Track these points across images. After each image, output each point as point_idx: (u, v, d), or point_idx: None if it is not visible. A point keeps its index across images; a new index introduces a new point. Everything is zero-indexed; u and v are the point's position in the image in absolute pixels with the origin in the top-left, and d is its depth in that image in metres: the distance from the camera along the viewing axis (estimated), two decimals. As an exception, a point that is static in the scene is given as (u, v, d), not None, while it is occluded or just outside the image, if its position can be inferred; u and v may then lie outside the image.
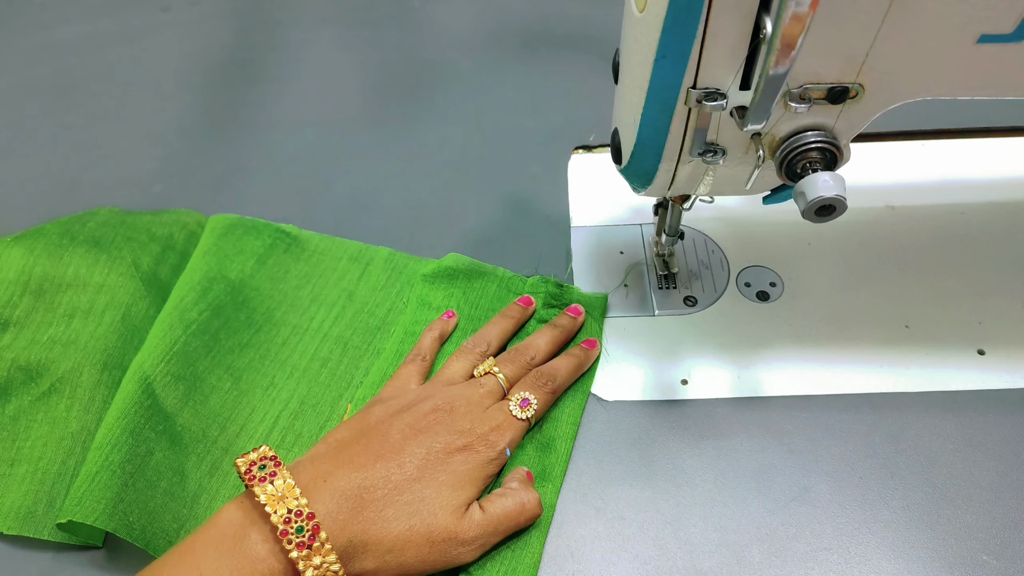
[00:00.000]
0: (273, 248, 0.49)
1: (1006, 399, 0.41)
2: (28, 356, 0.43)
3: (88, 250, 0.47)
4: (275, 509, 0.31)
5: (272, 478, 0.32)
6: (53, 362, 0.43)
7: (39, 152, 0.59)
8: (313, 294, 0.48)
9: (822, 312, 0.45)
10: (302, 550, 0.30)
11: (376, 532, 0.32)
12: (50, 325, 0.45)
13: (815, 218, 0.31)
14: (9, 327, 0.45)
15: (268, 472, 0.32)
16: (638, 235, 0.50)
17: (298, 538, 0.30)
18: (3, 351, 0.44)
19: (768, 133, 0.33)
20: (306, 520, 0.31)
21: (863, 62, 0.30)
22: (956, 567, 0.35)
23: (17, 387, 0.42)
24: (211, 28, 0.71)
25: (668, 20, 0.29)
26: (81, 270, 0.46)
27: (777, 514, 0.37)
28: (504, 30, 0.69)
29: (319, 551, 0.30)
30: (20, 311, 0.45)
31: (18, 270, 0.46)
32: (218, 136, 0.60)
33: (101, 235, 0.49)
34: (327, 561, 0.31)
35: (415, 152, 0.58)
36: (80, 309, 0.45)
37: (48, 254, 0.47)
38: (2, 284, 0.46)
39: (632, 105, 0.33)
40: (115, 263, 0.47)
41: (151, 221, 0.51)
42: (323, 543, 0.31)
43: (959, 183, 0.52)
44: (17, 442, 0.40)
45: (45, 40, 0.70)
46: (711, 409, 0.41)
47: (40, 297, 0.46)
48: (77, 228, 0.49)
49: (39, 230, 0.49)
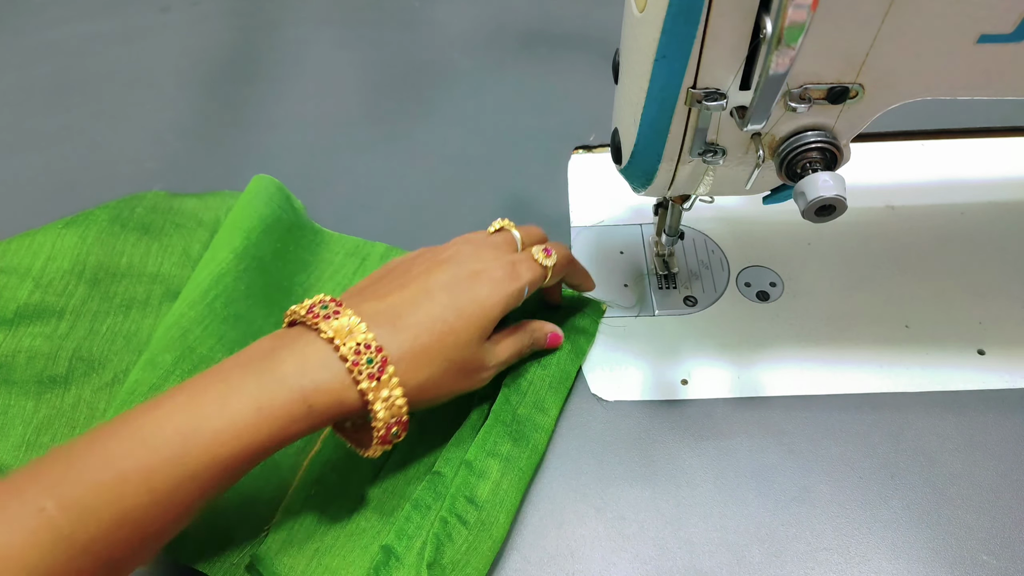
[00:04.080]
0: (280, 218, 0.48)
1: (1006, 399, 0.41)
2: (90, 347, 0.43)
3: (139, 238, 0.48)
4: (343, 341, 0.31)
5: (336, 316, 0.32)
6: (116, 354, 0.43)
7: (39, 152, 0.59)
8: (308, 283, 0.48)
9: (822, 312, 0.45)
10: (372, 381, 0.30)
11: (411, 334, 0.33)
12: (107, 315, 0.45)
13: (815, 218, 0.31)
14: (65, 315, 0.44)
15: (331, 311, 0.32)
16: (638, 235, 0.50)
17: (368, 369, 0.30)
18: (62, 340, 0.43)
19: (768, 133, 0.33)
20: (375, 353, 0.31)
21: (863, 62, 0.30)
22: (956, 567, 0.35)
23: (79, 378, 0.42)
24: (211, 28, 0.71)
25: (668, 20, 0.29)
26: (134, 259, 0.47)
27: (777, 514, 0.37)
28: (504, 30, 0.69)
29: (387, 384, 0.31)
30: (76, 300, 0.45)
31: (72, 259, 0.46)
32: (218, 136, 0.60)
33: (150, 222, 0.49)
34: (394, 394, 0.31)
35: (415, 152, 0.58)
36: (137, 300, 0.45)
37: (100, 243, 0.47)
38: (57, 273, 0.45)
39: (632, 105, 0.33)
40: (167, 252, 0.47)
41: (197, 206, 0.51)
42: (391, 376, 0.31)
43: (959, 183, 0.52)
44: (77, 429, 0.40)
45: (45, 40, 0.70)
46: (711, 409, 0.42)
47: (95, 286, 0.45)
48: (126, 215, 0.49)
49: (88, 215, 0.48)
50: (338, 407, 0.31)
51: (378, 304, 0.34)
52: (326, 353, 0.31)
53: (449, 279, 0.35)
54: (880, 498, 0.38)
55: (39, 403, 0.41)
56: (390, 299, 0.34)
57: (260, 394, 0.29)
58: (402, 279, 0.35)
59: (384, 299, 0.34)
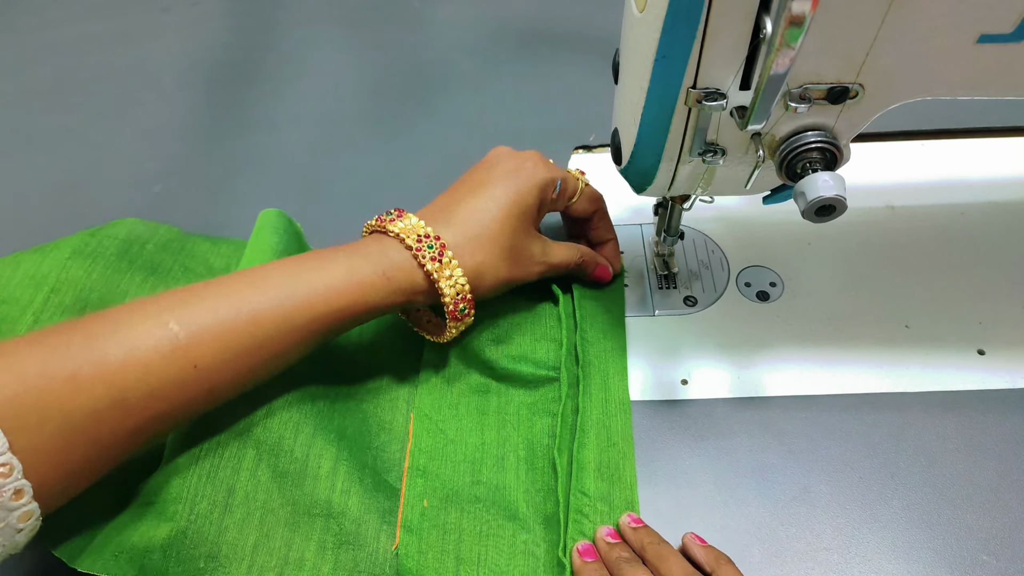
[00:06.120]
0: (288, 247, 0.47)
1: (1006, 399, 0.41)
2: None
3: (145, 278, 0.46)
4: (407, 236, 0.37)
5: (400, 218, 0.38)
6: None
7: (39, 152, 0.59)
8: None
9: (822, 312, 0.45)
10: (435, 263, 0.36)
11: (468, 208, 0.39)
12: None
13: (815, 218, 0.31)
14: None
15: (395, 215, 0.38)
16: (638, 235, 0.50)
17: (430, 253, 0.36)
18: None
19: (768, 133, 0.33)
20: (434, 240, 0.37)
21: (863, 62, 0.30)
22: (956, 567, 0.35)
23: None
24: (211, 28, 0.71)
25: (668, 20, 0.29)
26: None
27: (777, 514, 0.37)
28: (504, 30, 0.69)
29: (448, 265, 0.37)
30: None
31: (75, 294, 0.45)
32: (218, 136, 0.60)
33: (159, 261, 0.48)
34: (456, 274, 0.37)
35: (415, 152, 0.58)
36: None
37: (105, 280, 0.46)
38: (58, 308, 0.44)
39: (632, 105, 0.33)
40: None
41: (209, 250, 0.50)
42: (451, 259, 0.37)
43: (959, 183, 0.52)
44: None
45: (45, 40, 0.70)
46: (711, 409, 0.42)
47: None
48: (136, 250, 0.48)
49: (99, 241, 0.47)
50: (410, 283, 0.37)
51: (432, 207, 0.40)
52: (396, 244, 0.37)
53: (488, 176, 0.40)
54: (880, 498, 0.38)
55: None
56: (441, 200, 0.40)
57: (350, 264, 0.36)
58: (452, 186, 0.41)
59: (437, 202, 0.40)
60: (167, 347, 0.32)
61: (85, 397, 0.30)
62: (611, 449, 0.39)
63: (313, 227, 0.51)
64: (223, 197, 0.55)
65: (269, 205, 0.54)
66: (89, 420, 0.30)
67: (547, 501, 0.38)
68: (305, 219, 0.52)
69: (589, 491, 0.37)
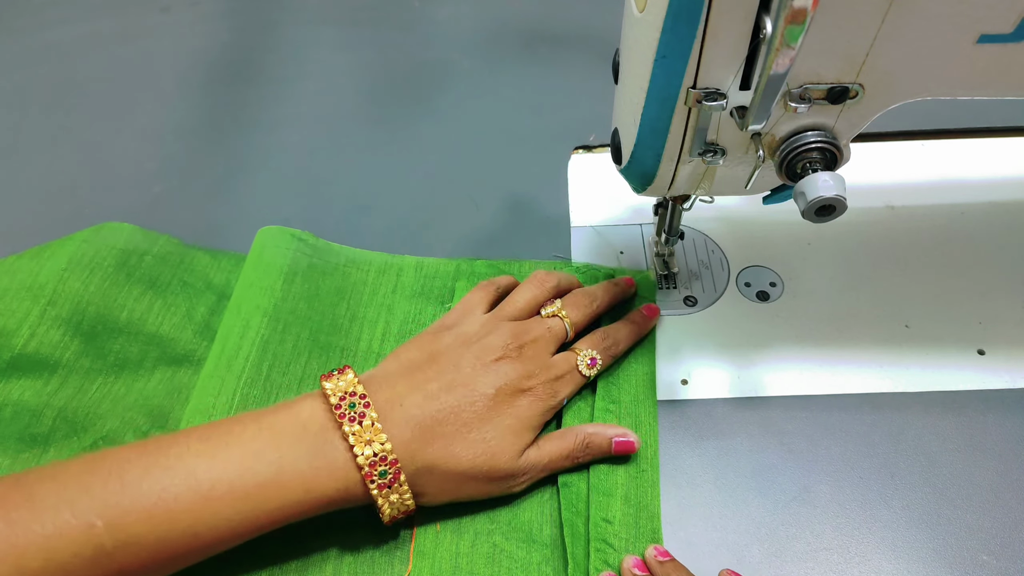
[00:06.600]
0: (296, 262, 0.47)
1: (1006, 399, 0.41)
2: (75, 408, 0.41)
3: (143, 292, 0.46)
4: (362, 451, 0.33)
5: (361, 419, 0.33)
6: (100, 417, 0.41)
7: (39, 152, 0.59)
8: (351, 312, 0.46)
9: (822, 312, 0.45)
10: (383, 489, 0.33)
11: (443, 465, 0.35)
12: (99, 374, 0.43)
13: (815, 218, 0.31)
14: (57, 370, 0.43)
15: (358, 412, 0.34)
16: (638, 235, 0.50)
17: (380, 480, 0.33)
18: (50, 397, 0.42)
19: (768, 133, 0.33)
20: (390, 466, 0.33)
21: (863, 62, 0.30)
22: (956, 567, 0.35)
23: (59, 439, 0.40)
24: (211, 28, 0.71)
25: (668, 20, 0.29)
26: (135, 315, 0.45)
27: (777, 514, 0.37)
28: (504, 30, 0.69)
29: (397, 490, 0.33)
30: (70, 354, 0.43)
31: (72, 307, 0.44)
32: (218, 136, 0.60)
33: (158, 274, 0.47)
34: (403, 496, 0.34)
35: (415, 152, 0.58)
36: (131, 360, 0.44)
37: (103, 294, 0.45)
38: (55, 322, 0.44)
39: (632, 105, 0.33)
40: (169, 311, 0.46)
41: (209, 265, 0.49)
42: (402, 484, 0.33)
43: (959, 183, 0.52)
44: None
45: (45, 40, 0.70)
46: (711, 409, 0.41)
47: (91, 341, 0.44)
48: (134, 261, 0.47)
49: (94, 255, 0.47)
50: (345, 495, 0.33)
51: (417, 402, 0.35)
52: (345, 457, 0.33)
53: (495, 392, 0.36)
54: (880, 498, 0.38)
55: (15, 462, 0.39)
56: (433, 403, 0.35)
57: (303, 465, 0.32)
58: (451, 378, 0.37)
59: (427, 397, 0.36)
60: (89, 554, 0.29)
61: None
62: (640, 476, 0.38)
63: (313, 227, 0.51)
64: (223, 197, 0.55)
65: (269, 205, 0.54)
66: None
67: (561, 526, 0.37)
68: (305, 219, 0.52)
69: (614, 519, 0.36)
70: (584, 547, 0.36)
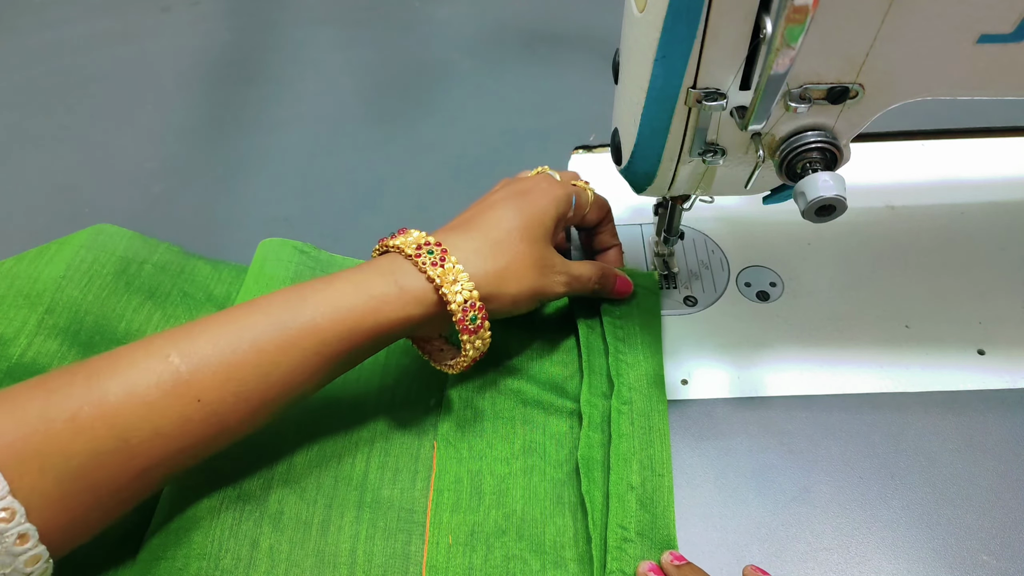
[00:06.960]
0: (299, 275, 0.47)
1: (1006, 399, 0.41)
2: None
3: (143, 302, 0.45)
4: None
5: (442, 262, 0.35)
6: None
7: (39, 152, 0.59)
8: None
9: (822, 312, 0.45)
10: (436, 268, 0.35)
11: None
12: None
13: (815, 218, 0.31)
14: None
15: (438, 257, 0.35)
16: (638, 235, 0.50)
17: (430, 259, 0.35)
18: None
19: (768, 133, 0.33)
20: (435, 246, 0.35)
21: (863, 62, 0.30)
22: (956, 567, 0.35)
23: None
24: (211, 28, 0.71)
25: (668, 20, 0.29)
26: (133, 325, 0.44)
27: (777, 514, 0.37)
28: (504, 30, 0.69)
29: (452, 271, 0.35)
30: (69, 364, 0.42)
31: (70, 315, 0.43)
32: (218, 136, 0.60)
33: (158, 284, 0.47)
34: (461, 279, 0.35)
35: (415, 152, 0.58)
36: None
37: (101, 302, 0.45)
38: (53, 331, 0.43)
39: (632, 105, 0.33)
40: (169, 322, 0.45)
41: (210, 275, 0.48)
42: (455, 264, 0.35)
43: (959, 183, 0.52)
44: None
45: (45, 40, 0.70)
46: (711, 409, 0.41)
47: (90, 351, 0.43)
48: (134, 270, 0.47)
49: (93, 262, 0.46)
50: (423, 292, 0.35)
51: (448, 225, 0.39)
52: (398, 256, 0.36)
53: (505, 194, 0.40)
54: (880, 498, 0.38)
55: None
56: (458, 219, 0.40)
57: (356, 279, 0.35)
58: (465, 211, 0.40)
59: (452, 222, 0.40)
60: (168, 382, 0.30)
61: (86, 439, 0.29)
62: (654, 479, 0.38)
63: (313, 228, 0.51)
64: (223, 197, 0.55)
65: (269, 204, 0.54)
66: (92, 463, 0.29)
67: (576, 534, 0.37)
68: (305, 219, 0.52)
69: (630, 524, 0.36)
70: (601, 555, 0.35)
